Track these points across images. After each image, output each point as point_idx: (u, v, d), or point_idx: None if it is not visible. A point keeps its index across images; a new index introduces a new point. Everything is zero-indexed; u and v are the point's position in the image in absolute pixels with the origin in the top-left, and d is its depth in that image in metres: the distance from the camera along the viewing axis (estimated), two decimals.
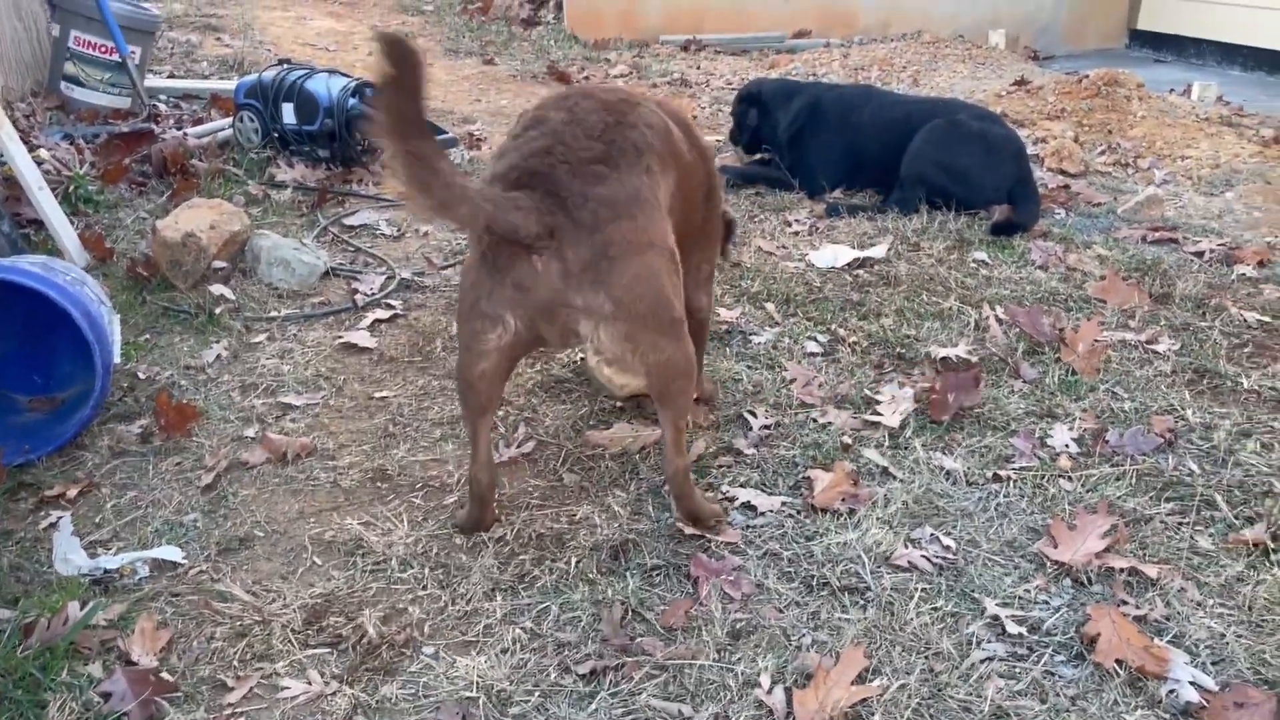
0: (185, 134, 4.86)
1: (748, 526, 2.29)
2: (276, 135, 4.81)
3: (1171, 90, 6.61)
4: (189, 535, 2.31)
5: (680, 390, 2.14)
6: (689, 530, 2.25)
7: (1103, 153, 5.29)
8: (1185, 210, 4.50)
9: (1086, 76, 6.24)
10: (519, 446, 2.63)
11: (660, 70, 7.63)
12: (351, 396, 2.92)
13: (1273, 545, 2.16)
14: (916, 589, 2.07)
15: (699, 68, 7.82)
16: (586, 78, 7.36)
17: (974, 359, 3.02)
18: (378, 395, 2.92)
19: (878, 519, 2.29)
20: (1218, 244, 3.96)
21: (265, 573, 2.18)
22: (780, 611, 2.03)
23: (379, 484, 2.50)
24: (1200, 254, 3.89)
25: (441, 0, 9.60)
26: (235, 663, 1.93)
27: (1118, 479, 2.42)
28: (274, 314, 3.40)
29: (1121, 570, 2.09)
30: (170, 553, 2.22)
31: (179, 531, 2.32)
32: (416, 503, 2.42)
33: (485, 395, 2.16)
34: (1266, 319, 3.29)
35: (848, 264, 3.76)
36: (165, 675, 1.88)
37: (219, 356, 3.10)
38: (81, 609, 2.00)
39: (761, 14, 8.94)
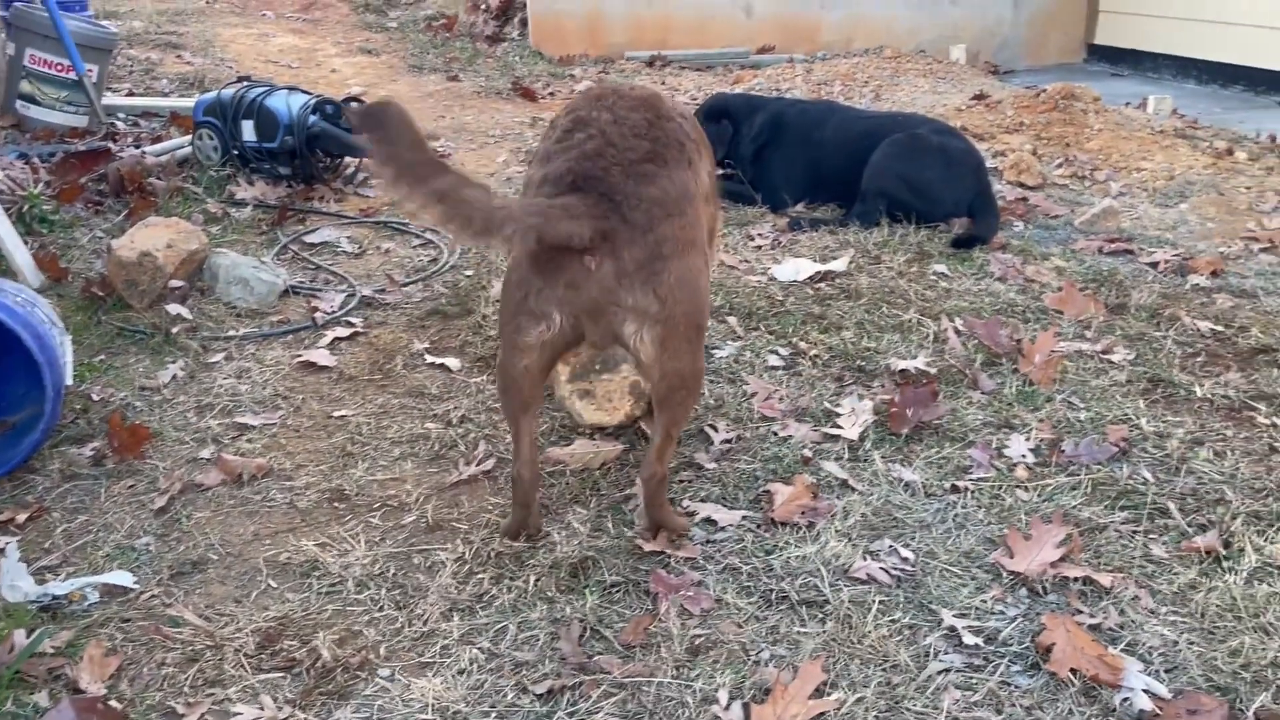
0: (143, 152, 4.81)
1: (708, 541, 2.29)
2: (236, 153, 4.77)
3: (1128, 104, 6.71)
4: (141, 559, 2.27)
5: (684, 400, 2.16)
6: (649, 546, 2.24)
7: (1060, 165, 5.36)
8: (1141, 221, 4.56)
9: (1044, 91, 6.33)
10: (479, 464, 2.61)
11: None
12: (310, 416, 2.89)
13: (1224, 552, 2.18)
14: (875, 601, 2.08)
15: (664, 83, 7.86)
16: (552, 94, 7.38)
17: (933, 370, 3.04)
18: (336, 414, 2.89)
19: (837, 531, 2.30)
20: (1172, 254, 4.02)
21: (218, 596, 2.15)
22: (739, 626, 2.03)
23: (336, 504, 2.48)
24: (1155, 264, 3.94)
25: (405, 17, 9.60)
26: (186, 689, 1.90)
27: (1073, 488, 2.44)
28: (232, 333, 3.37)
29: (1076, 579, 2.10)
30: (121, 578, 2.18)
31: (131, 556, 2.28)
32: (374, 523, 2.40)
33: (528, 392, 2.17)
34: (1219, 328, 3.34)
35: (809, 277, 3.78)
36: (114, 703, 1.85)
37: (175, 377, 3.07)
38: (28, 636, 1.96)
39: (726, 30, 9.00)
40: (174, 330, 3.31)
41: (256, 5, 9.35)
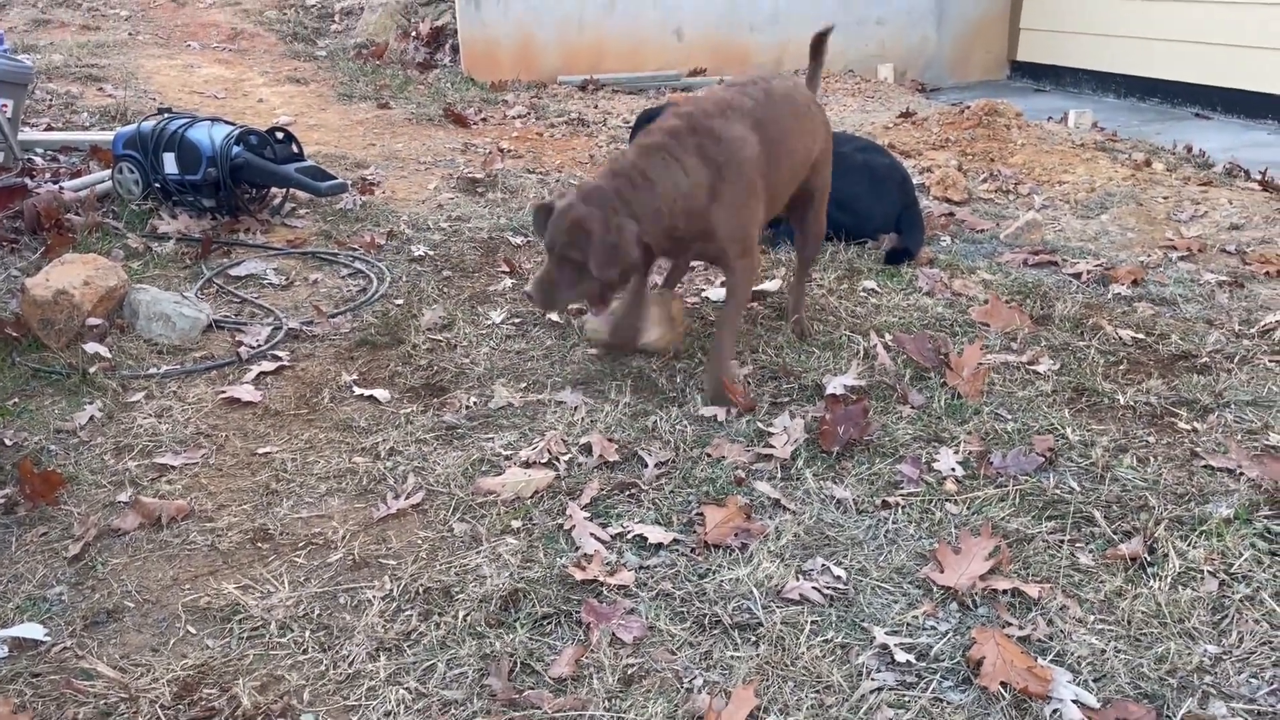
0: (61, 188, 4.69)
1: (641, 567, 2.26)
2: (158, 186, 4.67)
3: (1049, 118, 6.87)
4: (53, 610, 2.19)
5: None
6: (580, 577, 2.21)
7: (985, 180, 5.46)
8: (1064, 233, 4.66)
9: (969, 107, 6.46)
10: (408, 497, 2.56)
11: (558, 110, 7.66)
12: (233, 454, 2.82)
13: (1148, 558, 2.21)
14: (807, 622, 2.07)
15: (596, 107, 7.88)
16: (484, 119, 7.35)
17: (863, 383, 3.05)
18: (261, 451, 2.82)
19: (769, 552, 2.29)
20: (1094, 265, 4.10)
21: (134, 646, 2.08)
22: (672, 654, 2.00)
23: (259, 544, 2.41)
24: (1078, 275, 4.03)
25: (335, 45, 9.51)
26: None
27: (1001, 500, 2.46)
28: (152, 371, 3.28)
29: (1004, 591, 2.12)
30: (31, 630, 2.10)
31: (42, 607, 2.19)
32: (299, 562, 2.33)
33: None
34: (1140, 336, 3.41)
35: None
36: None
37: (92, 418, 2.97)
38: None
39: (658, 53, 9.07)
40: (92, 370, 3.21)
41: (181, 36, 9.20)
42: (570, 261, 2.80)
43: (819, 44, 3.53)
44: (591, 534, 2.36)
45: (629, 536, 2.36)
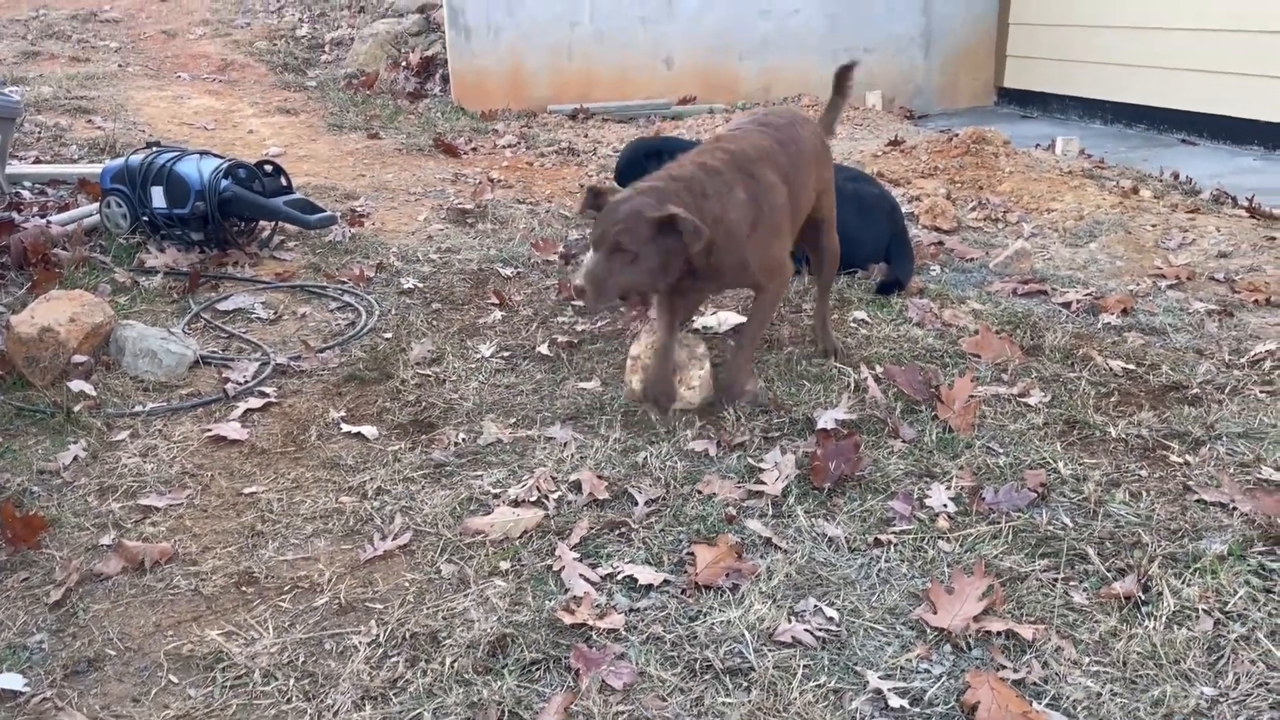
0: (49, 222, 4.67)
1: (631, 610, 2.24)
2: (146, 220, 4.66)
3: (1037, 145, 6.91)
4: (33, 659, 2.15)
5: None
6: (569, 620, 2.18)
7: (974, 208, 5.48)
8: (1053, 262, 4.67)
9: (957, 135, 6.49)
10: (395, 538, 2.53)
11: (548, 139, 7.69)
12: (218, 494, 2.79)
13: (1143, 597, 2.19)
14: (800, 666, 2.04)
15: (586, 136, 7.90)
16: (474, 149, 7.37)
17: (854, 417, 3.04)
18: (246, 491, 2.79)
19: (761, 593, 2.26)
20: (1084, 294, 4.11)
21: (115, 696, 2.04)
22: (663, 700, 1.97)
23: (244, 588, 2.37)
24: (1068, 304, 4.03)
25: (325, 76, 9.53)
26: None
27: (994, 537, 2.44)
28: (138, 409, 3.25)
29: (999, 633, 2.09)
30: (10, 680, 2.06)
31: (22, 655, 2.16)
32: (284, 606, 2.30)
33: None
34: (1131, 367, 3.40)
35: (733, 328, 3.79)
36: None
37: (76, 458, 2.94)
38: None
39: (647, 82, 9.11)
40: (76, 408, 3.18)
41: (171, 67, 9.22)
42: (623, 252, 2.80)
43: (843, 78, 3.71)
44: (581, 575, 2.34)
45: (619, 577, 2.34)
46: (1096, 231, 5.04)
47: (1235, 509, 2.52)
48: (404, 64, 9.39)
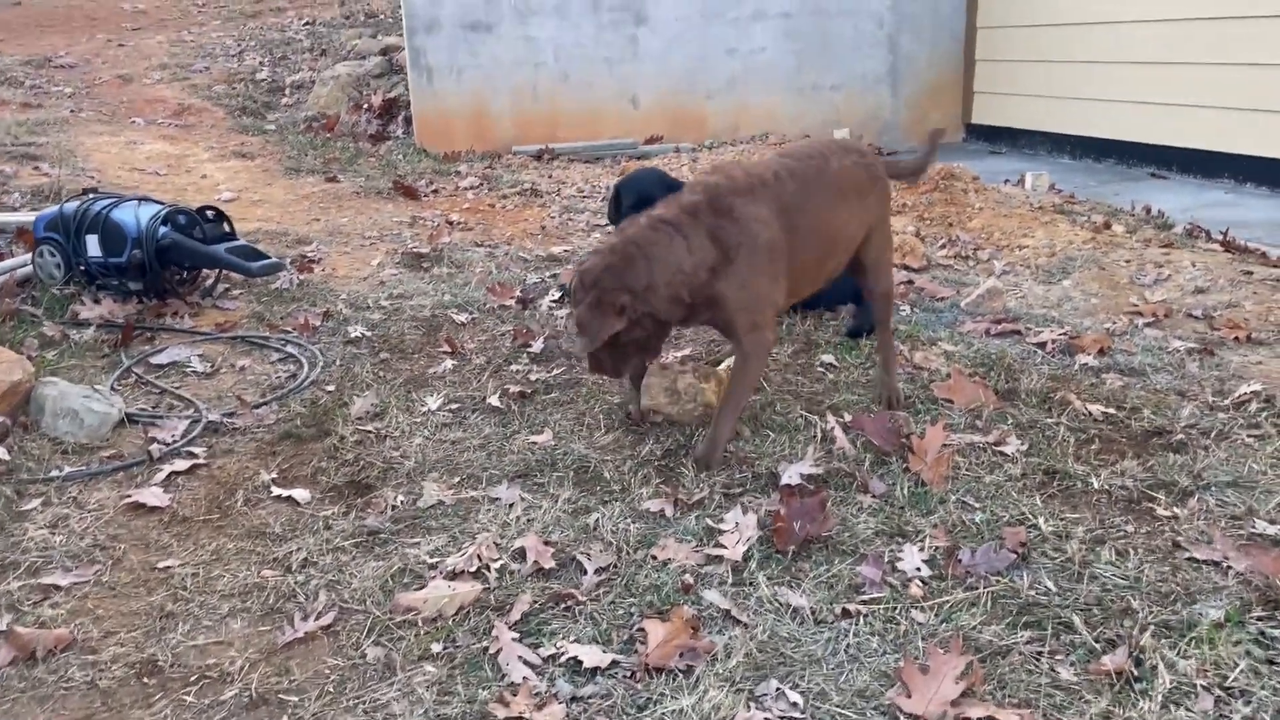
0: None
1: (573, 699, 2.01)
2: (82, 269, 4.44)
3: (1006, 181, 6.81)
4: None
5: None
6: (503, 714, 1.96)
7: (944, 246, 5.34)
8: (1026, 300, 4.52)
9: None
10: (318, 618, 2.30)
11: (511, 180, 7.53)
12: (130, 569, 2.55)
13: (1135, 673, 2.00)
14: None
15: (551, 176, 7.75)
16: (435, 191, 7.19)
17: (820, 471, 2.85)
18: (161, 565, 2.56)
19: (718, 675, 2.05)
20: (1059, 333, 3.95)
21: None
22: None
23: (145, 680, 2.13)
24: (1043, 345, 3.87)
25: (284, 119, 9.36)
26: None
27: (972, 605, 2.25)
28: (54, 474, 3.01)
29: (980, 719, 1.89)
30: None
31: None
32: (188, 701, 2.06)
33: None
34: (1110, 411, 3.23)
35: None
36: None
37: None
38: None
39: (614, 121, 8.99)
40: None
41: (126, 112, 9.01)
42: (596, 355, 2.95)
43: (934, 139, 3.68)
44: (520, 657, 2.12)
45: (562, 659, 2.12)
46: (1069, 268, 4.91)
47: (1229, 568, 2.34)
48: (366, 106, 9.24)
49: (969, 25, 9.52)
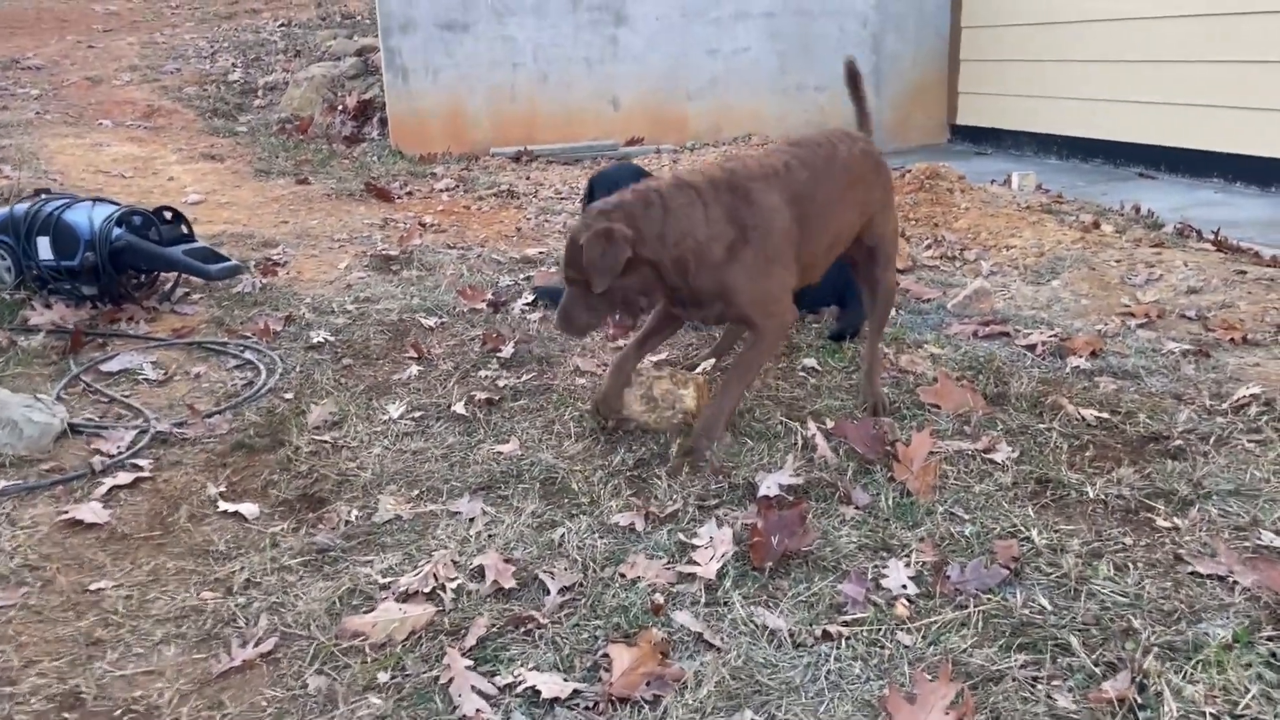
0: None
1: None
2: (34, 273, 4.25)
3: (993, 181, 6.68)
4: None
5: None
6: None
7: (929, 246, 5.20)
8: (1014, 301, 4.38)
9: (910, 171, 6.24)
10: (257, 644, 2.13)
11: (488, 182, 7.35)
12: (59, 591, 2.37)
13: (1139, 700, 1.84)
14: None
15: (529, 178, 7.59)
16: (409, 193, 7.02)
17: (801, 480, 2.69)
18: (93, 587, 2.38)
19: (687, 707, 1.89)
20: (1049, 335, 3.81)
21: None
22: None
23: (65, 714, 1.96)
24: (1032, 347, 3.72)
25: (257, 121, 9.16)
26: None
27: (962, 625, 2.09)
28: None
29: None
30: None
31: None
32: None
33: None
34: (1104, 415, 3.09)
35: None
36: None
37: None
38: None
39: (593, 123, 8.83)
40: None
41: (94, 114, 8.79)
42: (576, 283, 2.75)
43: (853, 81, 3.55)
44: (473, 687, 1.95)
45: (519, 689, 1.95)
46: (1058, 268, 4.77)
47: (1236, 583, 2.19)
48: (340, 108, 9.05)
49: (954, 25, 9.40)
